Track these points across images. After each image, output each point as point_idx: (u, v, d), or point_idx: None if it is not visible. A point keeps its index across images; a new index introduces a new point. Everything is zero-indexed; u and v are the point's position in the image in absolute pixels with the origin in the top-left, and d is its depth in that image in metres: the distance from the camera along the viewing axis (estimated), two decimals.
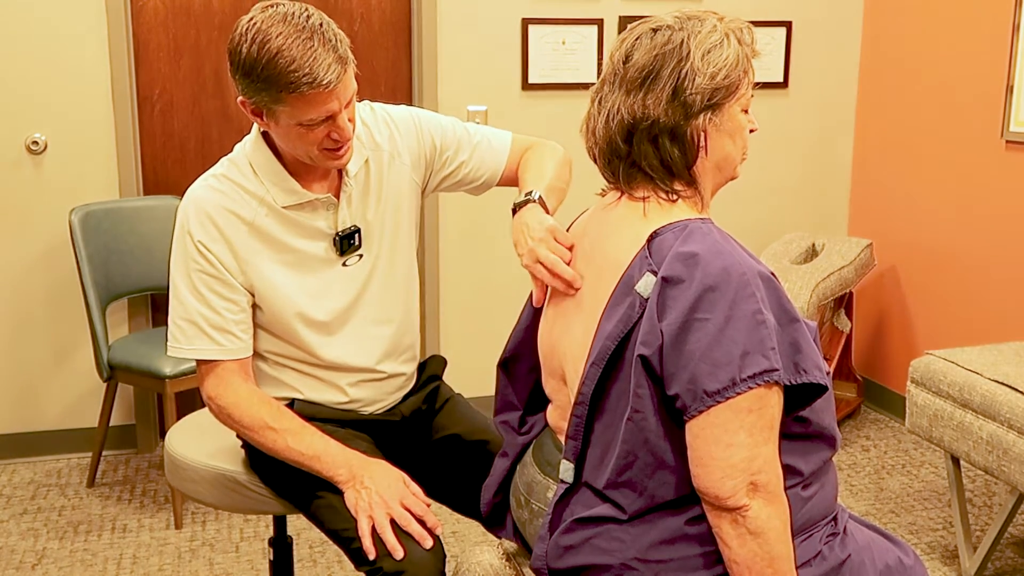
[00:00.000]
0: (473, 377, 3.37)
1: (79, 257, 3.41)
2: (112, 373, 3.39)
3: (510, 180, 2.09)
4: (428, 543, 1.74)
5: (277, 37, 1.68)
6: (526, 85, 3.97)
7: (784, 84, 4.24)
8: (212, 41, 3.77)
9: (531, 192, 1.85)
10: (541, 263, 1.63)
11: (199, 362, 1.90)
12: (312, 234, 1.89)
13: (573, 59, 3.98)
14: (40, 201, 3.64)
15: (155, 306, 3.88)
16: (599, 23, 3.97)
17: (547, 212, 1.81)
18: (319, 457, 1.83)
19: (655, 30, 1.51)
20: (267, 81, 1.69)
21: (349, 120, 1.78)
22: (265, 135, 1.88)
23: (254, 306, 1.91)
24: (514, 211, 1.82)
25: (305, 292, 1.90)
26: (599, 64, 4.00)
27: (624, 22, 3.99)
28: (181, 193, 3.80)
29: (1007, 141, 3.54)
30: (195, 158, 3.85)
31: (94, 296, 3.40)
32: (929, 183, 3.94)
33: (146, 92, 3.75)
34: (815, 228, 4.41)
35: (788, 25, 4.19)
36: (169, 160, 3.82)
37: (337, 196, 1.90)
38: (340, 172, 1.91)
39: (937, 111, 3.87)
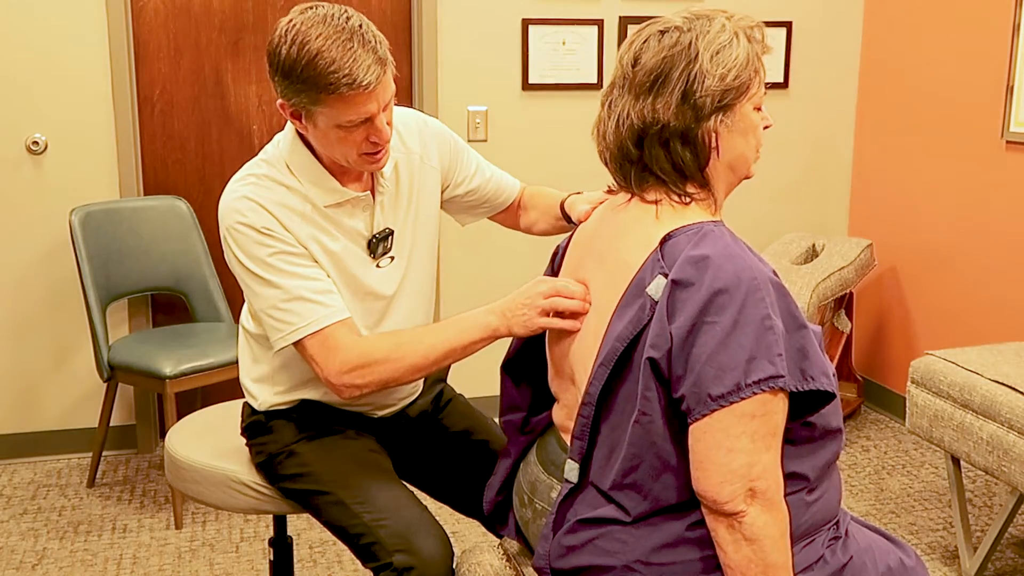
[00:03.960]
0: (476, 377, 3.37)
1: (79, 257, 3.41)
2: (112, 373, 3.39)
3: (511, 211, 2.18)
4: (586, 309, 1.61)
5: (317, 38, 1.67)
6: (526, 85, 3.96)
7: (784, 84, 4.24)
8: (212, 41, 3.77)
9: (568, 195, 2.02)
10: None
11: (311, 348, 1.78)
12: (351, 235, 1.88)
13: (573, 59, 3.98)
14: (40, 201, 3.64)
15: (155, 306, 3.87)
16: (599, 23, 3.97)
17: (566, 216, 2.01)
18: (462, 330, 1.75)
19: (663, 32, 1.50)
20: (306, 82, 1.68)
21: (387, 123, 1.78)
22: (300, 135, 1.86)
23: None
24: (562, 206, 2.03)
25: (351, 291, 1.88)
26: (599, 64, 4.01)
27: (624, 22, 3.99)
28: (181, 193, 3.80)
29: (1007, 141, 3.54)
30: (195, 158, 3.85)
31: (94, 296, 3.40)
32: (929, 183, 3.94)
33: (146, 92, 3.75)
34: (815, 228, 4.41)
35: (788, 25, 4.19)
36: (169, 160, 3.82)
37: (373, 195, 1.90)
38: (374, 173, 1.90)
39: (937, 111, 3.87)
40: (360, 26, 1.71)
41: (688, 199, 1.51)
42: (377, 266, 1.91)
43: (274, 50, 1.72)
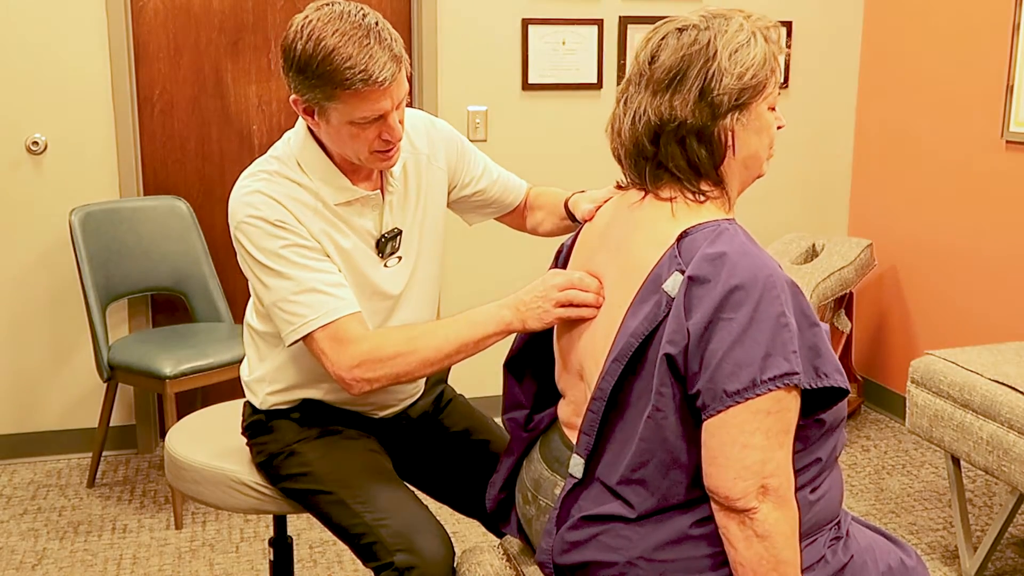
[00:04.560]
0: (477, 378, 3.37)
1: (79, 257, 3.41)
2: (112, 373, 3.39)
3: (518, 211, 2.18)
4: (600, 302, 1.60)
5: (333, 35, 1.68)
6: (526, 85, 3.96)
7: (784, 84, 4.24)
8: (212, 41, 3.77)
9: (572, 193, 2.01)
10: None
11: (322, 342, 1.77)
12: (360, 234, 1.88)
13: (573, 59, 3.98)
14: (40, 201, 3.64)
15: (155, 306, 3.87)
16: (599, 23, 3.97)
17: (571, 215, 2.00)
18: (475, 324, 1.74)
19: (681, 30, 1.50)
20: (322, 78, 1.69)
21: (400, 121, 1.78)
22: (312, 133, 1.86)
23: None
24: (566, 203, 2.01)
25: (359, 289, 1.88)
26: (599, 64, 4.01)
27: (624, 22, 3.99)
28: (181, 193, 3.81)
29: (1007, 141, 3.54)
30: (195, 158, 3.85)
31: (94, 296, 3.40)
32: (929, 183, 3.94)
33: (146, 92, 3.75)
34: (815, 228, 4.41)
35: (788, 25, 4.19)
36: (169, 160, 3.82)
37: (383, 194, 1.90)
38: (383, 172, 1.91)
39: (937, 111, 3.87)
40: (376, 23, 1.72)
41: (703, 197, 1.51)
42: (385, 266, 1.92)
43: (289, 46, 1.72)
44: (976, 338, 3.70)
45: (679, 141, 1.49)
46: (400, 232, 1.92)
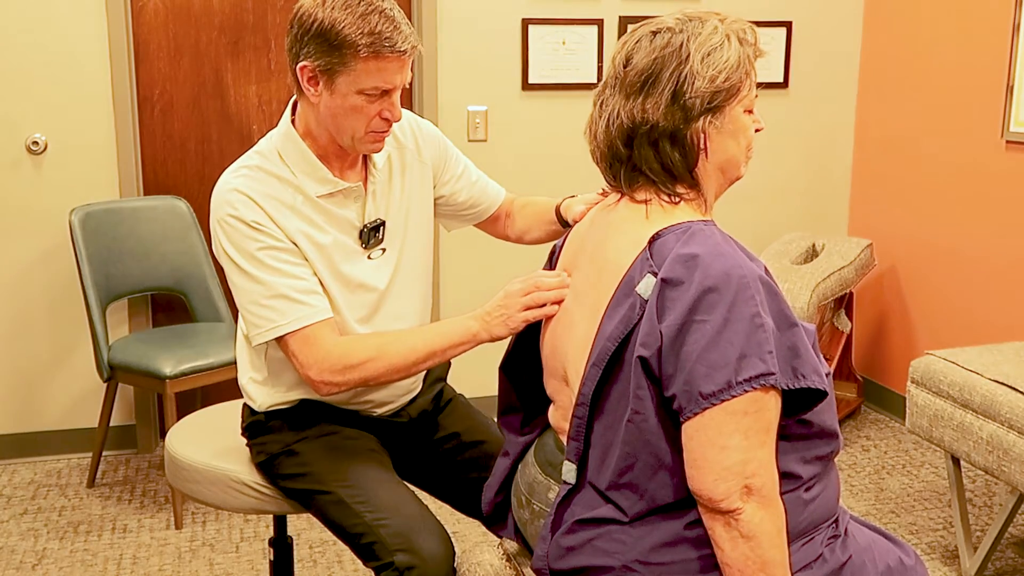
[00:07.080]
0: (476, 377, 3.37)
1: (79, 257, 3.41)
2: (112, 373, 3.39)
3: (497, 219, 2.21)
4: (563, 296, 1.64)
5: (359, 5, 1.75)
6: (526, 85, 3.96)
7: (784, 84, 4.24)
8: (212, 41, 3.77)
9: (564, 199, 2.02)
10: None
11: (292, 345, 1.81)
12: (342, 225, 1.90)
13: (573, 59, 3.98)
14: (40, 201, 3.64)
15: (155, 306, 3.87)
16: (599, 23, 3.97)
17: (561, 219, 2.01)
18: (443, 334, 1.80)
19: (655, 32, 1.51)
20: (345, 40, 1.73)
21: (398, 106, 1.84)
22: (295, 126, 1.88)
23: None
24: (557, 209, 2.03)
25: (341, 284, 1.89)
26: (599, 64, 4.01)
27: (624, 22, 3.99)
28: (181, 193, 3.80)
29: (1007, 141, 3.54)
30: (195, 158, 3.85)
31: (94, 296, 3.40)
32: (929, 183, 3.94)
33: (146, 92, 3.75)
34: (815, 228, 4.41)
35: (788, 25, 4.19)
36: (169, 160, 3.82)
37: (365, 186, 1.92)
38: (366, 164, 1.93)
39: (937, 111, 3.87)
40: (393, 7, 1.79)
41: (677, 199, 1.52)
42: (368, 257, 1.93)
43: (308, 13, 1.76)
44: (976, 338, 3.70)
45: (652, 144, 1.49)
46: (383, 223, 1.94)
